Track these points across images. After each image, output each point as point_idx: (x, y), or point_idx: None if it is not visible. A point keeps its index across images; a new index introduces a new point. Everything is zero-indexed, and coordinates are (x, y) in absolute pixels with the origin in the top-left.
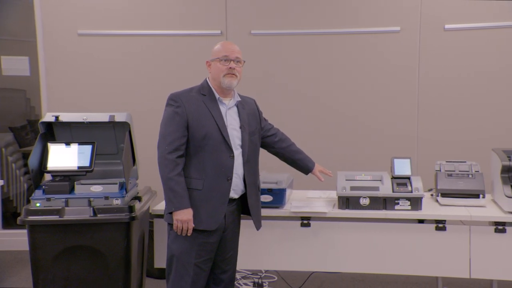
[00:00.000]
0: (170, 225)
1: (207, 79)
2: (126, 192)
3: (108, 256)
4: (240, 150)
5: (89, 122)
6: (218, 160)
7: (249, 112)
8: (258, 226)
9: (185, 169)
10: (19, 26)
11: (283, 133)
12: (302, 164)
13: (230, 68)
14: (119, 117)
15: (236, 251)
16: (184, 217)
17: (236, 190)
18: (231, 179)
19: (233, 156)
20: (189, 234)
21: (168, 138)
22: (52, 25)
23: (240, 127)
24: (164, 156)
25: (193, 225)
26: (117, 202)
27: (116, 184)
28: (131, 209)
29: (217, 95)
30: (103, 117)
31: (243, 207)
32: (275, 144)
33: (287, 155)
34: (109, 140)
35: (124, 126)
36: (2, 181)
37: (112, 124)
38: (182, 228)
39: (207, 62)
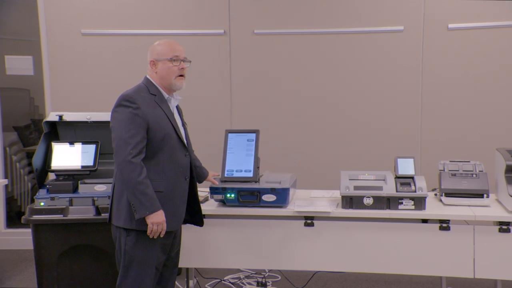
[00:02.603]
0: (126, 230)
1: (149, 77)
2: None
3: (111, 255)
4: (188, 148)
5: (92, 121)
6: (176, 160)
7: (179, 110)
8: (202, 223)
9: None
10: (23, 26)
11: None
12: (200, 171)
13: (181, 69)
14: None
15: (180, 249)
16: (160, 219)
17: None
18: (188, 177)
19: (188, 154)
20: (161, 236)
21: (131, 141)
22: (56, 24)
23: (183, 125)
24: (129, 161)
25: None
26: None
27: None
28: None
29: (166, 95)
30: (106, 116)
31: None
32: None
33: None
34: None
35: None
36: (6, 180)
37: None
38: (157, 230)
39: (151, 62)
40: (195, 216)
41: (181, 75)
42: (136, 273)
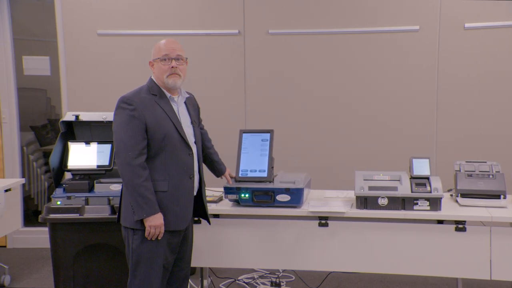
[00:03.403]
0: (133, 229)
1: (153, 78)
2: None
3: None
4: (195, 147)
5: (108, 121)
6: (179, 160)
7: (194, 107)
8: (209, 220)
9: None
10: (40, 27)
11: None
12: (218, 166)
13: (172, 67)
14: None
15: (192, 249)
16: (157, 222)
17: (195, 187)
18: (193, 176)
19: (192, 153)
20: (159, 238)
21: (129, 143)
22: (72, 25)
23: (192, 123)
24: (128, 163)
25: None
26: None
27: None
28: None
29: (168, 94)
30: None
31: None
32: (204, 141)
33: (208, 155)
34: None
35: None
36: (23, 179)
37: None
38: (154, 233)
39: (150, 62)
40: (205, 213)
41: (173, 74)
42: (144, 272)
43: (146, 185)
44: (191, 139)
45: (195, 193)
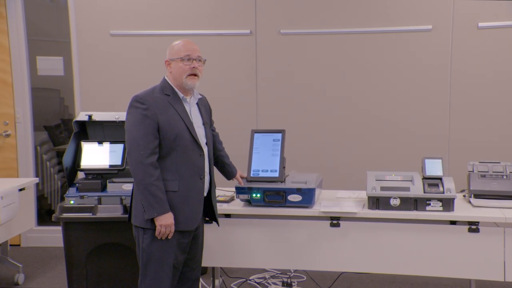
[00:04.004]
0: (144, 229)
1: (166, 78)
2: None
3: None
4: (207, 148)
5: (121, 121)
6: (190, 160)
7: (205, 108)
8: (218, 223)
9: None
10: (54, 27)
11: None
12: (229, 169)
13: (193, 68)
14: None
15: (203, 249)
16: (168, 221)
17: (206, 188)
18: (203, 177)
19: (203, 154)
20: (169, 238)
21: (141, 142)
22: (85, 25)
23: (203, 124)
24: (140, 162)
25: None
26: None
27: None
28: None
29: (181, 95)
30: None
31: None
32: (215, 144)
33: (220, 157)
34: None
35: None
36: (37, 178)
37: None
38: (165, 232)
39: (166, 62)
40: (213, 216)
41: (192, 74)
42: (154, 271)
43: (157, 184)
44: (202, 140)
45: (205, 194)
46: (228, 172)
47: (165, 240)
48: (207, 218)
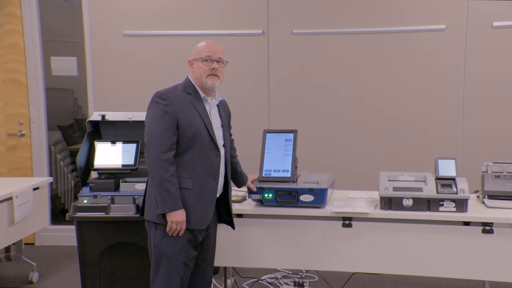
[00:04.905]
0: (155, 224)
1: (190, 77)
2: None
3: None
4: (223, 149)
5: (134, 121)
6: (206, 159)
7: (225, 111)
8: (233, 226)
9: None
10: (68, 28)
11: None
12: (240, 176)
13: (213, 68)
14: None
15: (215, 250)
16: (180, 218)
17: (219, 189)
18: (218, 178)
19: (219, 155)
20: (180, 235)
21: (160, 137)
22: (99, 26)
23: (222, 126)
24: (157, 157)
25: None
26: None
27: None
28: None
29: (202, 94)
30: None
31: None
32: (231, 150)
33: (232, 164)
34: None
35: None
36: (51, 178)
37: None
38: (176, 229)
39: (189, 61)
40: (230, 218)
41: (213, 74)
42: (166, 267)
43: (172, 180)
44: (220, 141)
45: (218, 195)
46: (239, 180)
47: (176, 237)
48: (222, 223)
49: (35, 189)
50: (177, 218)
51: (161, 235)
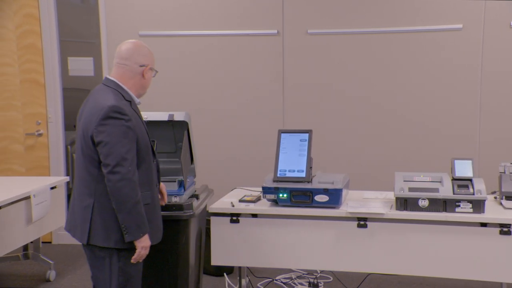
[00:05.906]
0: (118, 250)
1: (121, 83)
2: (185, 190)
3: (167, 252)
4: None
5: (149, 121)
6: (152, 168)
7: None
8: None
9: None
10: (85, 28)
11: None
12: None
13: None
14: (178, 116)
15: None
16: (148, 242)
17: None
18: (158, 184)
19: (155, 160)
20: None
21: (128, 157)
22: (115, 26)
23: None
24: (129, 178)
25: None
26: (176, 199)
27: (175, 182)
28: (189, 206)
29: (137, 100)
30: (162, 116)
31: None
32: None
33: None
34: (168, 139)
35: (183, 125)
36: (68, 177)
37: (171, 123)
38: (144, 254)
39: (146, 67)
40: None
41: None
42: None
43: (141, 202)
44: None
45: None
46: None
47: None
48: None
49: (52, 188)
50: (146, 243)
51: (126, 257)
